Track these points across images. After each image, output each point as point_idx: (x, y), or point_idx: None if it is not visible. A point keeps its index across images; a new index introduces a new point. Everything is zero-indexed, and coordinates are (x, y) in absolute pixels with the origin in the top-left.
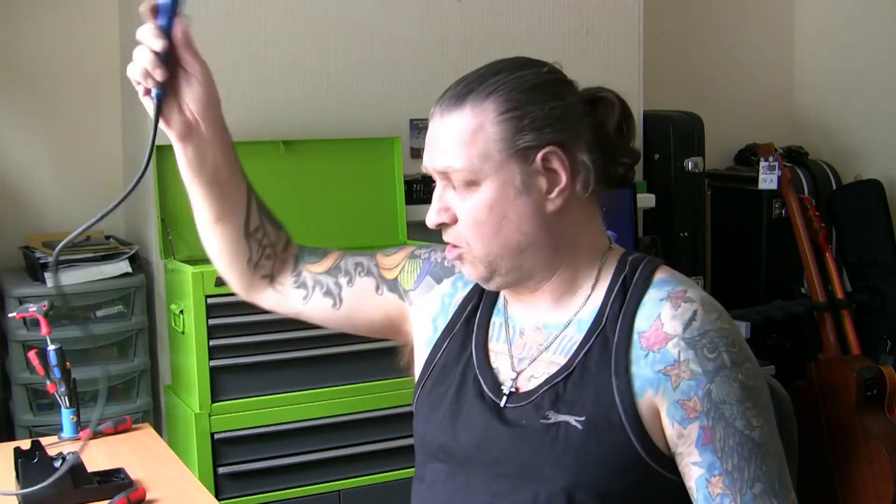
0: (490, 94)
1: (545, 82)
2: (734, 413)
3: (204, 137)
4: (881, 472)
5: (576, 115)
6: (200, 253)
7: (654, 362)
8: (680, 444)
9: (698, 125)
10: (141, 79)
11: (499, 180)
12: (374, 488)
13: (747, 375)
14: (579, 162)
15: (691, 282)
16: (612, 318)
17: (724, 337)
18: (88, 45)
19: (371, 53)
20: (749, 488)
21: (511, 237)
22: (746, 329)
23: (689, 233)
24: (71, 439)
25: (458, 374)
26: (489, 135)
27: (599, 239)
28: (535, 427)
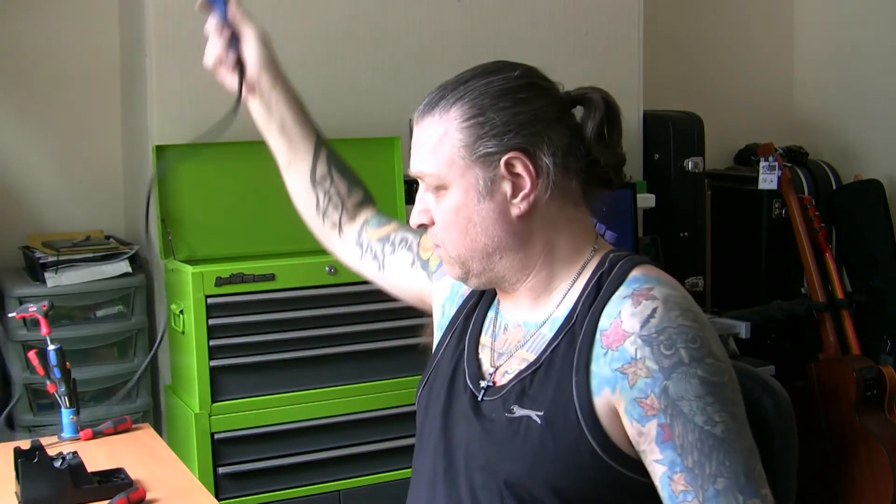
0: (457, 101)
1: (513, 87)
2: (693, 409)
3: (265, 92)
4: (881, 472)
5: (545, 119)
6: (200, 253)
7: (613, 360)
8: (641, 443)
9: (698, 125)
10: (218, 64)
11: (464, 185)
12: (374, 488)
13: (708, 371)
14: (545, 167)
15: (667, 280)
16: (581, 315)
17: (683, 333)
18: (88, 45)
19: (371, 53)
20: (711, 484)
21: (478, 240)
22: (746, 329)
23: (689, 233)
24: (71, 439)
25: (451, 368)
26: (454, 141)
27: (582, 240)
28: (501, 421)
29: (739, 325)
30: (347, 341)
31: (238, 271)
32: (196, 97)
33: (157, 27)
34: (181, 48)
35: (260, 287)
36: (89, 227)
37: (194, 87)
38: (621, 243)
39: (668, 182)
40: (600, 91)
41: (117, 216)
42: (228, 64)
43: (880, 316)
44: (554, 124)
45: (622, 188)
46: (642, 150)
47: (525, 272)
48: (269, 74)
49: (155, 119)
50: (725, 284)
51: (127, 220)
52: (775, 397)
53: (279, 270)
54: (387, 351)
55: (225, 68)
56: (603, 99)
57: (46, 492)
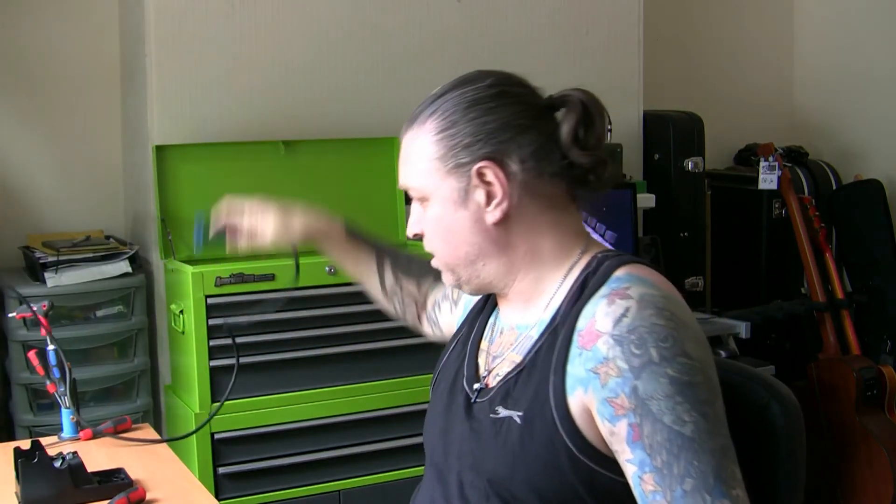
0: (431, 115)
1: (482, 97)
2: (662, 409)
3: (330, 254)
4: (881, 472)
5: (516, 126)
6: (200, 253)
7: (586, 360)
8: (614, 442)
9: (698, 125)
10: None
11: (441, 196)
12: (374, 488)
13: (679, 370)
14: (516, 174)
15: (650, 278)
16: (563, 316)
17: (655, 332)
18: (88, 45)
19: (371, 53)
20: (679, 484)
21: (460, 248)
22: (746, 329)
23: (689, 233)
24: (71, 439)
25: (454, 371)
26: (429, 154)
27: (569, 242)
28: (487, 422)
29: (739, 325)
30: (347, 341)
31: (238, 271)
32: (196, 97)
33: (157, 27)
34: (181, 48)
35: (260, 287)
36: (89, 227)
37: (194, 87)
38: (621, 243)
39: (668, 182)
40: (581, 92)
41: (117, 216)
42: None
43: (880, 316)
44: (526, 130)
45: (623, 188)
46: (642, 150)
47: (511, 276)
48: (327, 242)
49: (155, 119)
50: (725, 284)
51: (127, 220)
52: (784, 403)
53: (279, 270)
54: (387, 351)
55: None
56: (580, 101)
57: (46, 492)
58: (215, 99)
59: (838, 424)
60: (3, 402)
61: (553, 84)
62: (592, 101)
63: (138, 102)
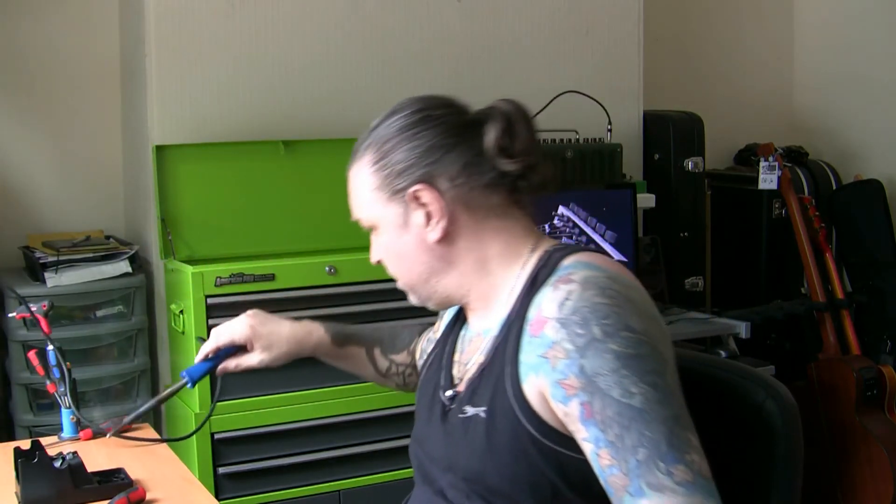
0: (367, 149)
1: (407, 124)
2: (609, 383)
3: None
4: (881, 472)
5: (442, 147)
6: (200, 253)
7: (536, 347)
8: (569, 423)
9: (698, 125)
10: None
11: (386, 224)
12: (374, 488)
13: (623, 344)
14: (449, 191)
15: (597, 263)
16: (516, 311)
17: (598, 311)
18: (88, 45)
19: (371, 53)
20: (633, 455)
21: (413, 270)
22: (746, 329)
23: (689, 233)
24: (71, 439)
25: (432, 386)
26: (369, 185)
27: (517, 244)
28: (457, 423)
29: (739, 325)
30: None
31: (238, 271)
32: (196, 97)
33: (157, 27)
34: (181, 48)
35: (260, 287)
36: (89, 227)
37: (194, 87)
38: (621, 243)
39: (668, 182)
40: (506, 102)
41: (117, 216)
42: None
43: (880, 316)
44: (453, 149)
45: (623, 188)
46: (642, 150)
47: (466, 287)
48: (282, 359)
49: (155, 119)
50: (725, 284)
51: (127, 220)
52: (781, 402)
53: (279, 270)
54: None
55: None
56: (502, 111)
57: (46, 492)
58: (215, 99)
59: (838, 424)
60: (3, 402)
61: (553, 84)
62: (515, 110)
63: (138, 102)
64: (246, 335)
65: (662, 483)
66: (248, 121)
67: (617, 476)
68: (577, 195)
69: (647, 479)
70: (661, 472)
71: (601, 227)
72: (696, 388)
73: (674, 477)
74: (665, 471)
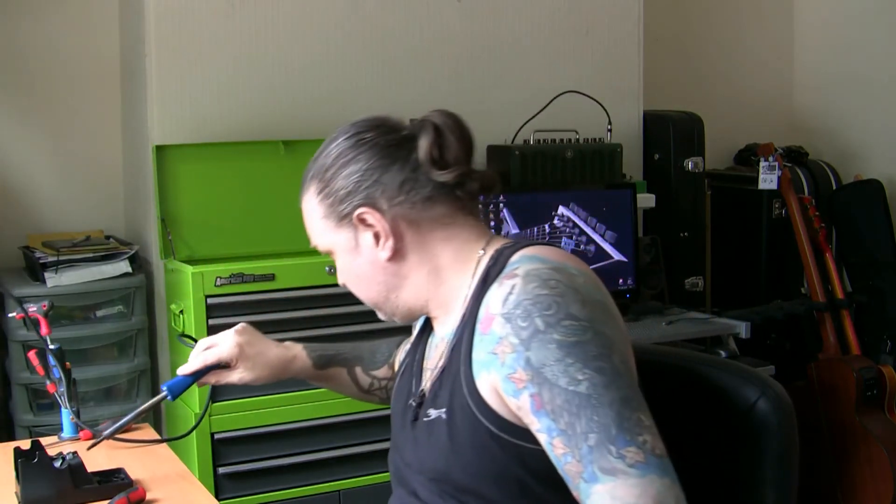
0: (311, 179)
1: (343, 151)
2: (555, 373)
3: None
4: (881, 472)
5: (377, 168)
6: (200, 253)
7: (486, 344)
8: (523, 416)
9: (698, 125)
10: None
11: (340, 249)
12: (374, 488)
13: (565, 333)
14: (390, 210)
15: (542, 255)
16: (469, 311)
17: (539, 303)
18: (88, 45)
19: (371, 53)
20: (584, 441)
21: (371, 289)
22: (746, 329)
23: (689, 233)
24: (71, 439)
25: (404, 395)
26: (318, 214)
27: (468, 249)
28: (422, 426)
29: (739, 325)
30: (347, 341)
31: (238, 271)
32: (196, 97)
33: (157, 27)
34: (181, 48)
35: (260, 287)
36: (89, 227)
37: (194, 87)
38: (621, 243)
39: (668, 182)
40: (437, 113)
41: (117, 216)
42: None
43: (880, 316)
44: (388, 168)
45: (623, 188)
46: (642, 150)
47: (424, 298)
48: (269, 378)
49: (155, 119)
50: (725, 284)
51: (127, 220)
52: (775, 400)
53: (279, 270)
54: None
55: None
56: (431, 123)
57: (46, 492)
58: (215, 99)
59: (838, 424)
60: (3, 402)
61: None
62: (445, 120)
63: (138, 102)
64: (233, 355)
65: (615, 466)
66: (248, 121)
67: (571, 464)
68: (577, 195)
69: (600, 464)
70: (612, 456)
71: (601, 227)
72: (692, 386)
73: (626, 459)
74: (616, 454)
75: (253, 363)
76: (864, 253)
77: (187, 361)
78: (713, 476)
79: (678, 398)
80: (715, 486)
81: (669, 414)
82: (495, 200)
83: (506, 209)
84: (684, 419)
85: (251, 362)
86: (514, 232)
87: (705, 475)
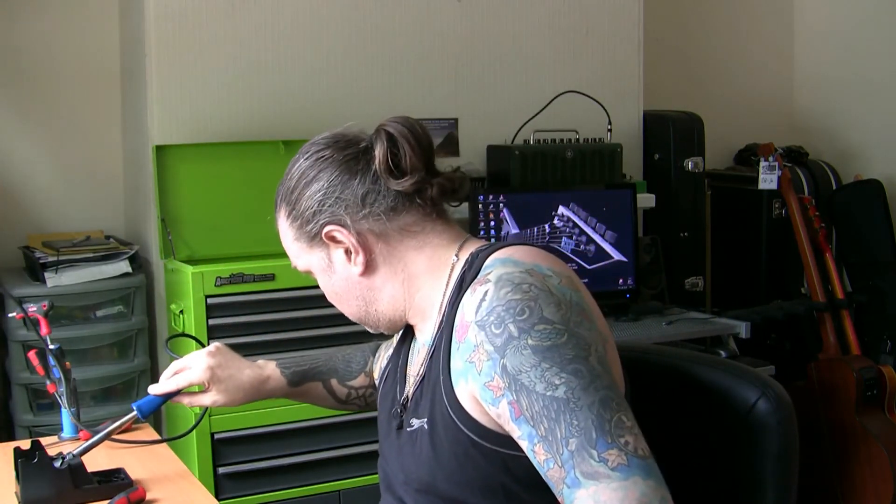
0: (281, 203)
1: (304, 173)
2: (532, 379)
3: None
4: (881, 472)
5: (338, 184)
6: (200, 253)
7: (462, 352)
8: (503, 424)
9: (698, 125)
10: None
11: (316, 267)
12: (374, 488)
13: (539, 338)
14: (356, 224)
15: (514, 257)
16: (445, 318)
17: (511, 308)
18: (88, 45)
19: (371, 53)
20: (565, 447)
21: (351, 304)
22: (746, 329)
23: (689, 233)
24: (71, 439)
25: (389, 403)
26: (290, 236)
27: (440, 255)
28: (405, 436)
29: (739, 325)
30: (347, 341)
31: (238, 271)
32: (196, 97)
33: (157, 27)
34: (181, 48)
35: (260, 287)
36: (89, 227)
37: (194, 87)
38: (621, 243)
39: (668, 182)
40: (392, 121)
41: (117, 216)
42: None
43: (880, 316)
44: (347, 184)
45: (623, 188)
46: (642, 150)
47: (401, 307)
48: (242, 400)
49: (155, 119)
50: (725, 284)
51: (127, 220)
52: (774, 400)
53: (279, 270)
54: None
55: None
56: (385, 131)
57: (46, 492)
58: (215, 99)
59: (838, 424)
60: (3, 402)
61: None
62: (399, 128)
63: (138, 102)
64: (205, 378)
65: (597, 470)
66: (248, 121)
67: (553, 469)
68: (577, 195)
69: (582, 469)
70: (594, 460)
71: (601, 227)
72: (692, 386)
73: (608, 463)
74: (598, 458)
75: (225, 386)
76: (864, 253)
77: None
78: (713, 476)
79: (678, 398)
80: (715, 486)
81: (670, 414)
82: (495, 200)
83: (506, 209)
84: (684, 419)
85: (223, 385)
86: (514, 232)
87: (705, 475)
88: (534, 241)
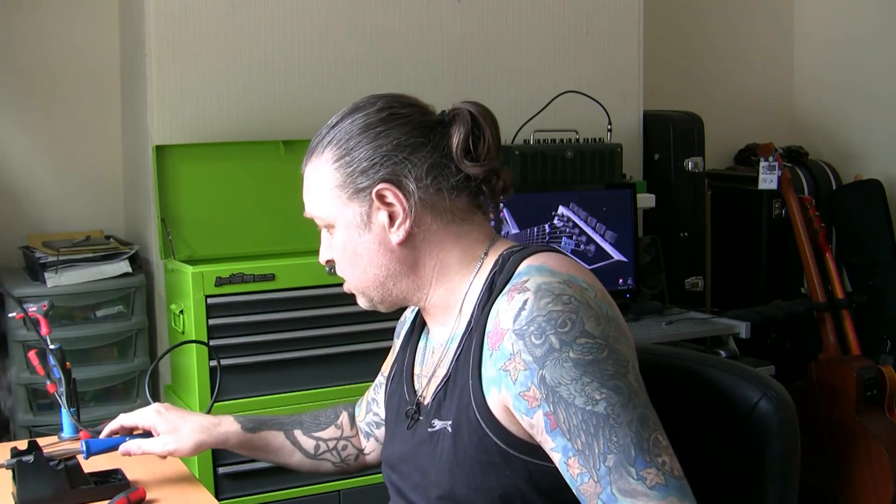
0: (328, 145)
1: (372, 122)
2: (572, 392)
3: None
4: (881, 471)
5: (408, 146)
6: (200, 253)
7: (496, 360)
8: (535, 435)
9: (698, 125)
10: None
11: (345, 222)
12: (374, 488)
13: (581, 351)
14: (414, 192)
15: (551, 266)
16: (476, 320)
17: (553, 319)
18: (88, 45)
19: (371, 53)
20: (602, 462)
21: (368, 271)
22: (746, 329)
23: (689, 233)
24: (71, 439)
25: (397, 402)
26: (329, 182)
27: (473, 249)
28: (425, 437)
29: (739, 325)
30: (347, 341)
31: (238, 271)
32: (196, 97)
33: (157, 27)
34: (181, 48)
35: (260, 287)
36: (89, 227)
37: (194, 87)
38: (621, 243)
39: (668, 182)
40: (472, 104)
41: (117, 216)
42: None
43: (880, 316)
44: (419, 148)
45: (623, 188)
46: (642, 150)
47: (423, 291)
48: (229, 446)
49: (155, 119)
50: (725, 284)
51: (127, 220)
52: (776, 400)
53: (279, 270)
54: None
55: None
56: (469, 113)
57: (42, 493)
58: (215, 99)
59: (838, 424)
60: (3, 402)
61: (553, 84)
62: (482, 113)
63: (138, 102)
64: (151, 420)
65: (635, 488)
66: (248, 121)
67: (588, 484)
68: (577, 195)
69: (619, 486)
70: (632, 478)
71: (601, 227)
72: (692, 387)
73: (646, 482)
74: (636, 476)
75: (173, 426)
76: (864, 253)
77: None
78: (714, 477)
79: (679, 399)
80: (716, 486)
81: (670, 414)
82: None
83: (506, 209)
84: (685, 420)
85: (171, 426)
86: (514, 232)
87: (707, 476)
88: (534, 241)
